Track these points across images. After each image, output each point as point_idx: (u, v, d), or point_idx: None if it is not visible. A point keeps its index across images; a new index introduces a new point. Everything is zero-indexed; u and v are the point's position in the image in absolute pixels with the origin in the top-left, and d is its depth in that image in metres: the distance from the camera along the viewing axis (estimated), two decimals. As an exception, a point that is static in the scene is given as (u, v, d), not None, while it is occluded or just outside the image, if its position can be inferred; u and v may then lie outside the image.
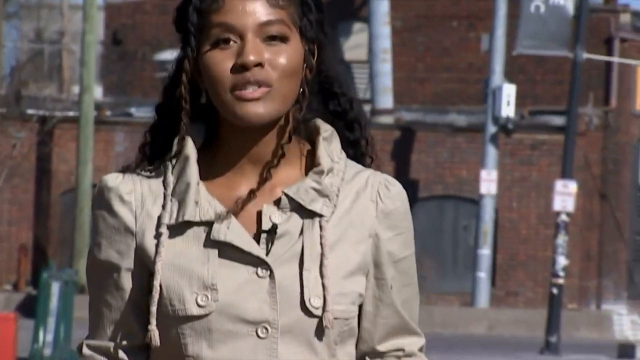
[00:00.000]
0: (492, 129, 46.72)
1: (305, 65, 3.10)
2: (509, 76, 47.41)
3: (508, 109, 46.46)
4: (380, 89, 50.44)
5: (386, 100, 51.65)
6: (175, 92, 3.14)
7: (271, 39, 3.01)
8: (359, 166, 3.18)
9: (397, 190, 3.17)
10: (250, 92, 2.97)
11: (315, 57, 3.16)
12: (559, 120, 46.33)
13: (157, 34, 48.49)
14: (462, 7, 52.13)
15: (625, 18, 52.60)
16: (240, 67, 2.98)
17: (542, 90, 50.68)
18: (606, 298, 51.48)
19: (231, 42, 3.01)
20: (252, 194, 3.08)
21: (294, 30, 3.07)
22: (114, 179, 3.13)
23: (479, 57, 50.18)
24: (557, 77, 48.83)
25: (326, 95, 3.23)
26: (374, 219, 3.12)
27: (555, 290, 40.80)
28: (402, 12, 51.97)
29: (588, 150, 49.01)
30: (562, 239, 41.40)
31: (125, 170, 3.19)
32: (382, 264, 3.13)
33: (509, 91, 46.36)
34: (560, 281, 41.04)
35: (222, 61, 3.02)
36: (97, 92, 48.10)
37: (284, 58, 3.02)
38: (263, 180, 3.09)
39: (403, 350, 3.16)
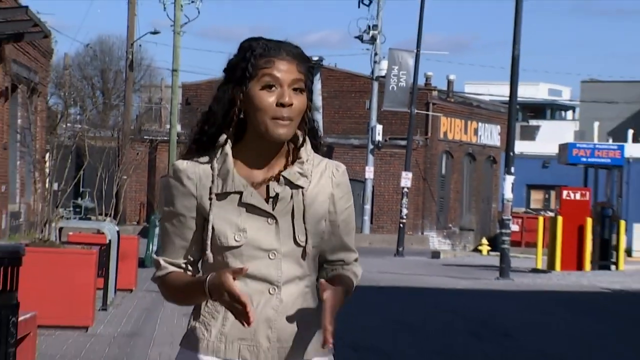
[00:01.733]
0: (371, 146, 56.70)
1: (308, 106, 4.08)
2: (379, 120, 57.49)
3: (378, 137, 56.83)
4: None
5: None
6: (222, 114, 4.06)
7: (295, 90, 3.98)
8: (320, 157, 4.17)
9: (343, 170, 4.19)
10: (284, 122, 3.95)
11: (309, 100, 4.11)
12: (403, 142, 54.53)
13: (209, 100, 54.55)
14: (356, 85, 60.53)
15: (434, 93, 62.63)
16: (280, 104, 3.93)
17: (395, 127, 58.26)
18: (426, 229, 61.78)
19: (273, 88, 3.95)
20: (263, 175, 4.07)
21: (305, 87, 4.06)
22: (182, 164, 4.06)
23: (365, 111, 58.64)
24: (402, 121, 55.95)
25: (307, 120, 4.11)
26: (330, 187, 4.12)
27: (401, 225, 49.57)
28: (326, 88, 59.45)
29: (417, 157, 58.45)
30: (405, 200, 51.08)
31: (185, 158, 4.11)
32: (335, 212, 4.13)
33: (379, 128, 56.92)
34: (404, 220, 50.11)
35: (268, 98, 3.94)
36: (178, 128, 55.23)
37: (301, 103, 4.00)
38: (269, 168, 4.07)
39: (343, 260, 4.19)
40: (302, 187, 4.00)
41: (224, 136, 4.00)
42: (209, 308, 4.01)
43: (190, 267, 4.06)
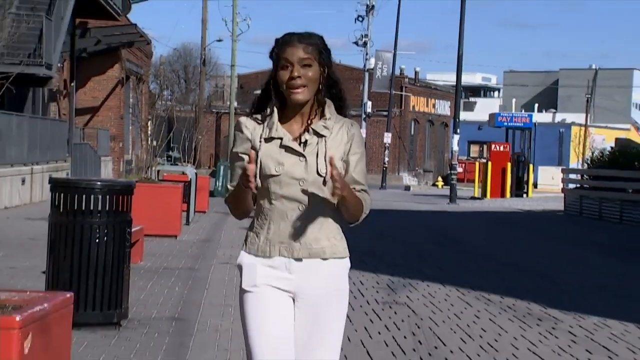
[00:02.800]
0: (363, 115, 52.10)
1: (320, 76, 3.87)
2: (369, 98, 53.71)
3: (369, 109, 53.23)
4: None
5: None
6: (265, 87, 3.95)
7: (304, 66, 3.81)
8: (341, 117, 3.94)
9: (356, 126, 3.95)
10: (297, 90, 3.81)
11: (326, 71, 3.91)
12: (385, 113, 53.91)
13: (257, 85, 49.84)
14: (354, 75, 56.76)
15: (406, 80, 61.13)
16: (290, 80, 3.81)
17: (380, 103, 55.92)
18: (400, 171, 59.62)
19: (288, 67, 3.82)
20: (298, 128, 3.90)
21: (315, 61, 3.84)
22: (243, 119, 3.97)
23: (359, 92, 53.76)
24: (384, 99, 54.43)
25: (331, 87, 3.93)
26: (346, 137, 3.90)
27: (384, 168, 49.54)
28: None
29: (395, 123, 56.19)
30: (386, 152, 50.30)
31: (247, 115, 4.00)
32: (348, 154, 3.90)
33: (369, 104, 53.32)
34: (386, 165, 49.81)
35: (284, 76, 3.82)
36: (235, 104, 51.34)
37: (310, 73, 3.82)
38: (302, 123, 3.90)
39: (354, 189, 3.91)
40: (325, 136, 3.87)
41: (272, 102, 3.90)
42: (259, 222, 3.92)
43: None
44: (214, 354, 7.52)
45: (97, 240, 8.15)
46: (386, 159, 50.41)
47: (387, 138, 50.62)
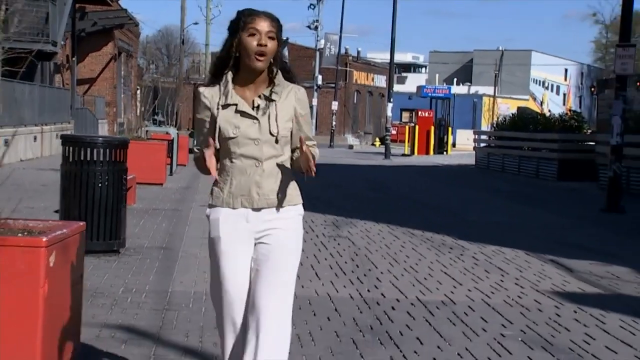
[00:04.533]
0: (315, 87, 52.13)
1: (278, 50, 3.61)
2: (320, 72, 53.67)
3: (319, 82, 53.16)
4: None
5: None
6: (225, 54, 3.61)
7: (269, 38, 3.55)
8: (289, 83, 3.68)
9: (302, 91, 3.72)
10: (261, 57, 3.54)
11: (279, 47, 3.63)
12: (332, 85, 52.25)
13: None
14: (307, 53, 55.80)
15: (350, 58, 59.34)
16: (258, 46, 3.52)
17: (328, 77, 53.82)
18: (345, 133, 57.64)
19: (255, 35, 3.53)
20: (251, 94, 3.63)
21: (275, 36, 3.58)
22: (202, 88, 3.68)
23: (312, 68, 53.83)
24: (332, 73, 52.53)
25: (280, 59, 3.66)
26: (294, 101, 3.66)
27: (332, 131, 48.43)
28: (291, 55, 52.00)
29: (341, 94, 54.46)
30: (334, 117, 49.41)
31: (204, 85, 3.70)
32: (298, 115, 3.68)
33: (319, 77, 53.55)
34: (333, 128, 48.99)
35: (252, 42, 3.53)
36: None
37: (273, 45, 3.56)
38: (255, 90, 3.63)
39: (307, 143, 3.62)
40: (275, 101, 3.65)
41: (228, 70, 3.65)
42: (222, 178, 3.71)
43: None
44: (194, 274, 7.64)
45: (99, 185, 8.25)
46: (334, 123, 49.70)
47: (334, 106, 50.10)
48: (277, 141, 3.63)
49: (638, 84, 20.59)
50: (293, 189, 3.73)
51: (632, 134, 17.47)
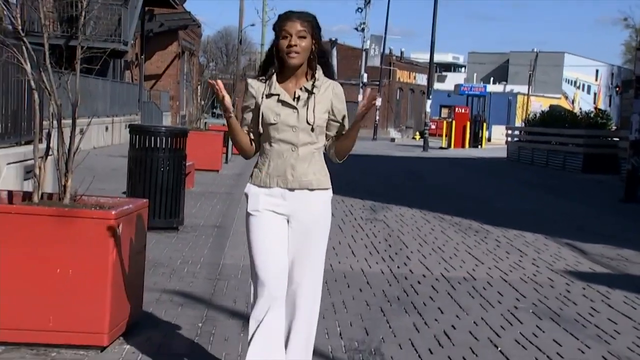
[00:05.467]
0: (361, 84, 49.20)
1: (312, 47, 3.59)
2: (365, 71, 51.16)
3: (365, 79, 50.15)
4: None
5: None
6: (269, 53, 3.66)
7: (299, 37, 3.55)
8: (327, 79, 3.66)
9: (339, 87, 3.68)
10: (293, 55, 3.55)
11: (317, 43, 3.63)
12: (377, 82, 50.98)
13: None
14: (355, 53, 54.37)
15: (394, 58, 59.03)
16: (289, 46, 3.55)
17: (374, 75, 52.18)
18: (388, 127, 56.24)
19: (287, 37, 3.55)
20: (293, 87, 3.64)
21: (308, 34, 3.56)
22: (250, 80, 3.68)
23: (358, 66, 51.81)
24: (377, 72, 51.54)
25: (320, 56, 3.66)
26: (331, 95, 3.65)
27: (375, 124, 47.53)
28: (340, 54, 53.66)
29: (385, 90, 53.60)
30: (377, 112, 48.65)
31: (254, 77, 3.70)
32: (334, 109, 3.67)
33: (365, 75, 50.67)
34: (377, 122, 48.07)
35: (284, 44, 3.56)
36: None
37: (304, 43, 3.56)
38: (296, 84, 3.64)
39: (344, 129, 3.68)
40: (314, 93, 3.64)
41: (272, 67, 3.67)
42: (261, 160, 3.70)
43: (251, 135, 3.74)
44: (243, 250, 7.70)
45: (162, 169, 8.50)
46: (377, 117, 49.37)
47: (378, 102, 49.32)
48: (312, 130, 3.63)
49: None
50: (324, 175, 3.72)
51: (651, 131, 17.30)
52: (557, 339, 5.39)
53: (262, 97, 3.63)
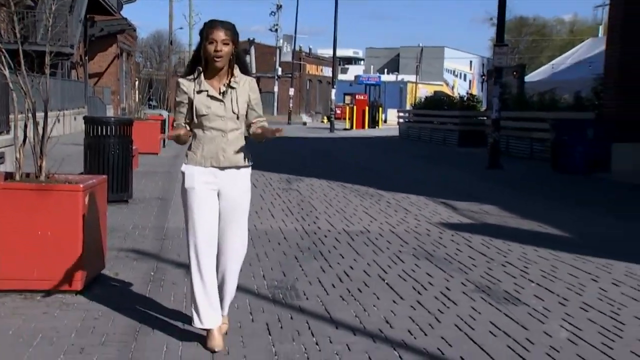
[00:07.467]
0: (276, 77, 51.17)
1: (233, 51, 3.53)
2: (280, 65, 53.14)
3: (279, 72, 51.19)
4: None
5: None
6: (196, 54, 3.55)
7: (224, 44, 3.47)
8: (244, 75, 3.62)
9: (254, 80, 3.67)
10: (217, 58, 3.48)
11: (236, 47, 3.57)
12: (289, 75, 49.63)
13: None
14: (270, 50, 53.83)
15: (303, 54, 58.35)
16: (215, 52, 3.47)
17: (287, 69, 51.74)
18: (300, 113, 55.10)
19: (213, 43, 3.47)
20: (217, 83, 3.58)
21: (230, 41, 3.50)
22: (181, 80, 3.57)
23: (273, 62, 52.05)
24: (289, 67, 50.42)
25: (238, 57, 3.60)
26: (248, 89, 3.61)
27: (289, 111, 47.99)
28: (257, 52, 53.01)
29: (296, 82, 52.41)
30: (291, 100, 46.93)
31: (182, 77, 3.61)
32: (251, 100, 3.63)
33: (279, 69, 51.76)
34: (290, 109, 46.88)
35: (210, 49, 3.48)
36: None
37: (227, 49, 3.49)
38: (220, 80, 3.58)
39: (258, 120, 3.67)
40: (235, 88, 3.64)
41: (199, 66, 3.65)
42: (195, 144, 3.67)
43: (187, 126, 3.69)
44: (182, 215, 8.02)
45: (112, 152, 8.55)
46: (291, 105, 48.40)
47: (291, 92, 48.91)
48: (237, 118, 3.64)
49: (514, 73, 21.19)
50: (247, 154, 3.70)
51: (510, 111, 18.05)
52: (429, 272, 5.84)
53: (194, 93, 3.61)
